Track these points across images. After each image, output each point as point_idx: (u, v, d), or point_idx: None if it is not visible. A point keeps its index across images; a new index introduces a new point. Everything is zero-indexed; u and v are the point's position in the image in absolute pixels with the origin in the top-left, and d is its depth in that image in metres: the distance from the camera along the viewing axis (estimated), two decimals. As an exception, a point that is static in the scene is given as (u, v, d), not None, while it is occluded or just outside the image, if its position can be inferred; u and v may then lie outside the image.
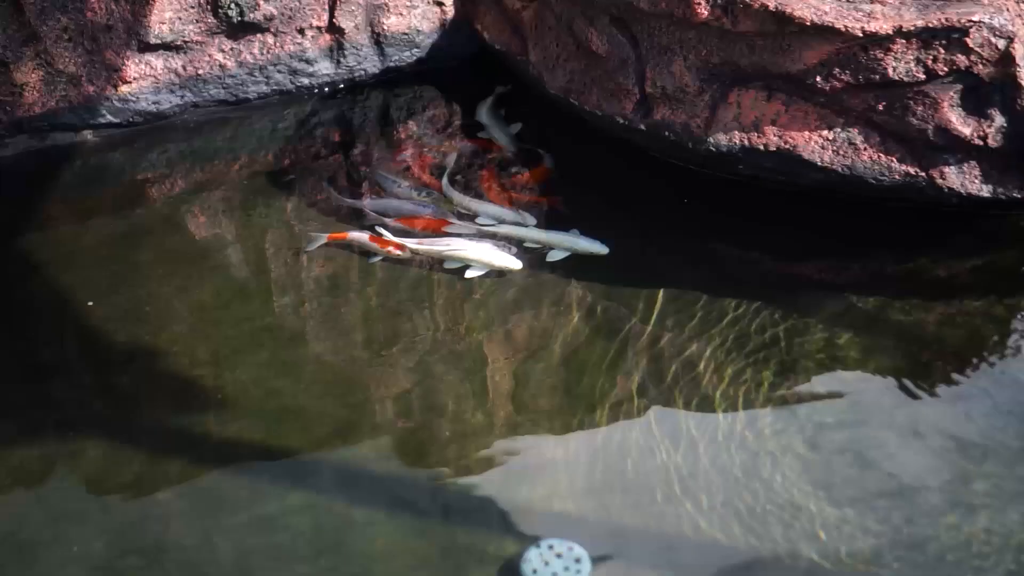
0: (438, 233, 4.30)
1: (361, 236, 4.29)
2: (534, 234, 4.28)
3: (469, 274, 4.13)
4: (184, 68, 4.91)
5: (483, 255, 4.16)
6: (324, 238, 4.29)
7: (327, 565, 3.18)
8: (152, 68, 4.87)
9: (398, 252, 4.21)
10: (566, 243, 4.22)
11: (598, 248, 4.19)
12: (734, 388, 3.65)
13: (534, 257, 4.22)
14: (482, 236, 4.27)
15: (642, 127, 4.39)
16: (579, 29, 4.49)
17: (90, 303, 4.07)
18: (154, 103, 4.93)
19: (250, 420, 3.63)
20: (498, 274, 4.13)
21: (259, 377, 3.78)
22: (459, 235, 4.28)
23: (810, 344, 3.80)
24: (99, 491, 3.43)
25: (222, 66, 4.95)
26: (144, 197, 4.75)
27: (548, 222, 4.35)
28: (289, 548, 3.23)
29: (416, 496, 3.37)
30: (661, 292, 4.01)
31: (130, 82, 4.85)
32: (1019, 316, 3.86)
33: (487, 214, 4.40)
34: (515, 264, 4.14)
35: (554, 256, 4.20)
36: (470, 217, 4.40)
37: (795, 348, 3.78)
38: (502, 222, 4.35)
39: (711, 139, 4.25)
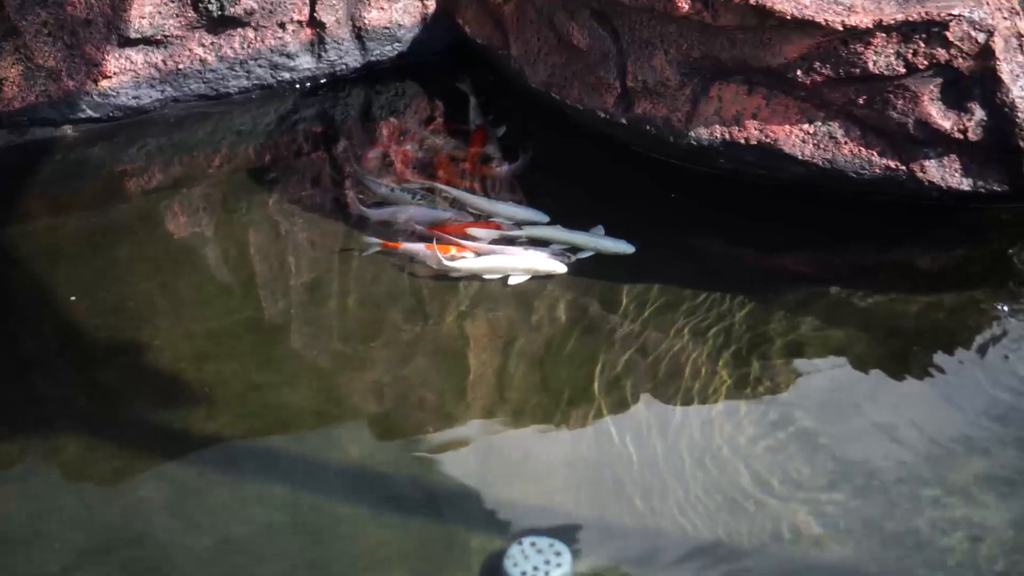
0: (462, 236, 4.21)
1: (416, 247, 4.17)
2: (558, 234, 4.21)
3: (512, 281, 4.06)
4: (164, 63, 4.90)
5: (537, 263, 4.09)
6: (379, 244, 4.20)
7: (308, 559, 3.18)
8: (132, 63, 4.86)
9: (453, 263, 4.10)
10: (590, 243, 4.16)
11: (623, 247, 4.14)
12: (717, 382, 3.66)
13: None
14: (509, 240, 4.20)
15: (623, 121, 4.39)
16: (560, 23, 4.49)
17: (72, 298, 4.06)
18: (134, 98, 4.92)
19: (232, 414, 3.63)
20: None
21: (241, 371, 3.78)
22: (477, 240, 4.21)
23: (792, 337, 3.81)
24: (81, 486, 3.43)
25: (202, 61, 4.93)
26: (124, 192, 4.74)
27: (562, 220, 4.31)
28: (271, 542, 3.23)
29: (398, 491, 3.37)
30: (643, 287, 4.02)
31: (110, 77, 4.83)
32: (998, 309, 3.87)
33: (501, 214, 4.34)
34: (563, 268, 4.09)
35: (580, 256, 4.13)
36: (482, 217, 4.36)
37: (778, 342, 3.79)
38: (517, 221, 4.29)
39: (692, 133, 4.25)
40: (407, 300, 4.07)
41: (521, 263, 4.09)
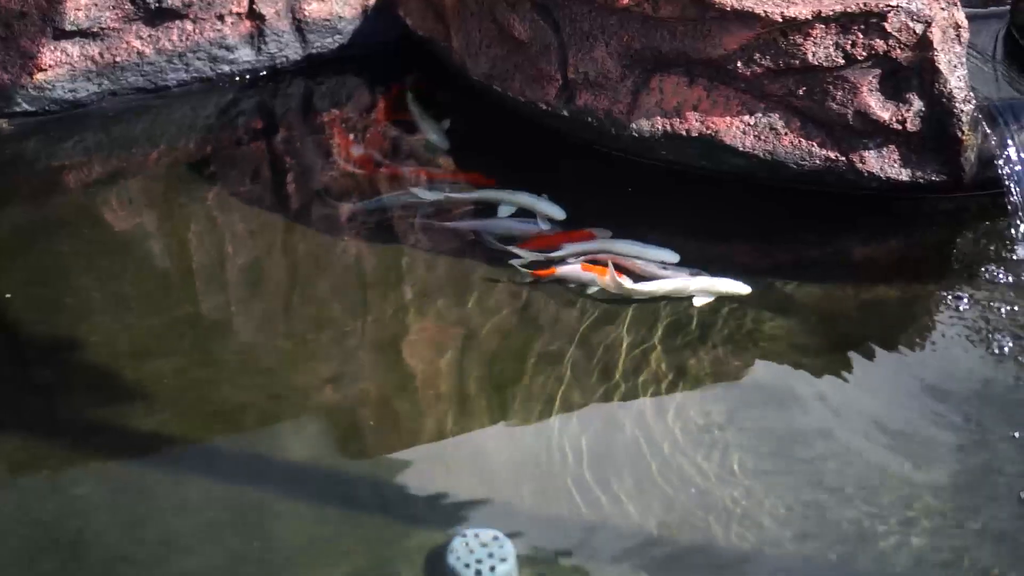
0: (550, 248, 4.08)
1: (578, 272, 3.97)
2: (675, 283, 3.94)
3: (697, 303, 3.90)
4: (101, 55, 4.85)
5: (720, 286, 3.92)
6: (529, 276, 4.00)
7: (251, 558, 3.15)
8: (68, 56, 4.80)
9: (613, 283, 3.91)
10: (705, 285, 3.93)
11: (740, 289, 3.92)
12: (657, 374, 3.66)
13: (462, 245, 4.21)
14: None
15: (565, 113, 4.39)
16: (501, 15, 4.48)
17: (8, 295, 4.01)
18: (70, 91, 4.86)
19: (172, 411, 3.59)
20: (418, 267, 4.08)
21: (181, 367, 3.74)
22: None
23: (731, 328, 3.82)
24: (16, 486, 3.38)
25: (140, 53, 4.89)
26: (61, 187, 4.69)
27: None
28: (213, 540, 3.20)
29: (341, 487, 3.35)
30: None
31: (45, 70, 4.77)
32: (936, 298, 3.90)
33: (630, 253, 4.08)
34: (746, 289, 3.92)
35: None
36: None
37: (716, 332, 3.80)
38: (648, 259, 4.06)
39: (634, 125, 4.25)
40: (351, 295, 4.05)
41: (704, 285, 3.92)
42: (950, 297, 3.90)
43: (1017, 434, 3.41)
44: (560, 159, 4.53)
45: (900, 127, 4.05)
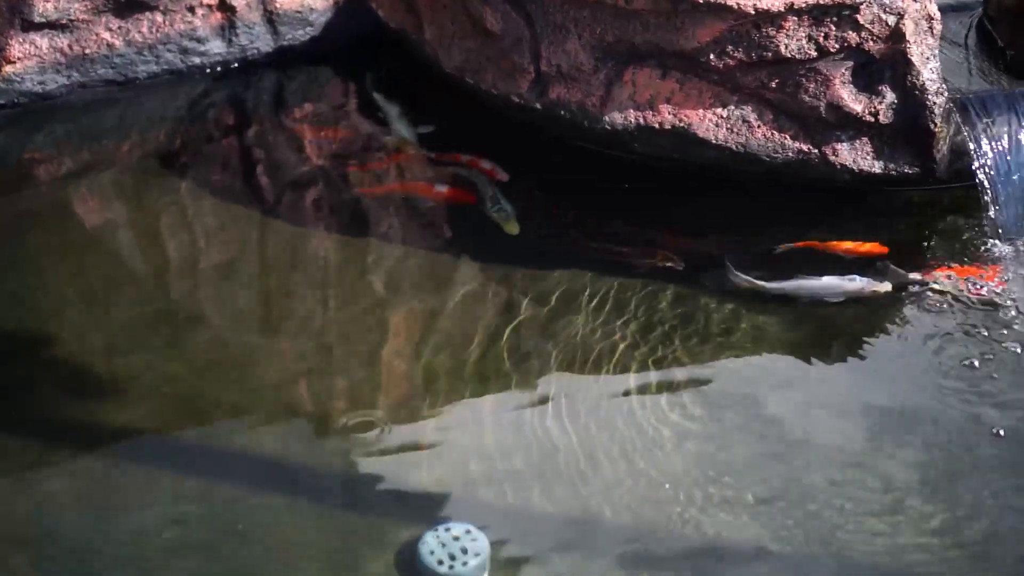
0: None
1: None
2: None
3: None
4: (70, 47, 4.81)
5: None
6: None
7: (223, 553, 3.14)
8: (37, 48, 4.76)
9: None
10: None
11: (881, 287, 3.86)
12: (632, 366, 3.66)
13: (435, 238, 4.20)
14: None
15: (538, 106, 4.38)
16: (473, 7, 4.46)
17: (-24, 290, 3.99)
18: (40, 83, 4.82)
19: (144, 407, 3.57)
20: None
21: (152, 363, 3.72)
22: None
23: (707, 321, 3.83)
24: (-14, 484, 3.37)
25: (110, 45, 4.85)
26: (31, 180, 4.64)
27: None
28: (185, 536, 3.18)
29: (313, 481, 3.34)
30: (560, 273, 4.01)
31: (14, 62, 4.73)
32: (909, 291, 3.91)
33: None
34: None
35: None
36: None
37: (692, 325, 3.81)
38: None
39: (607, 118, 4.25)
40: (322, 288, 4.04)
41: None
42: (925, 290, 3.91)
43: (992, 427, 3.43)
44: (532, 152, 4.52)
45: (873, 119, 4.06)
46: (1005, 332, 3.72)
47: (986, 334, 3.71)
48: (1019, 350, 3.65)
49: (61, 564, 3.13)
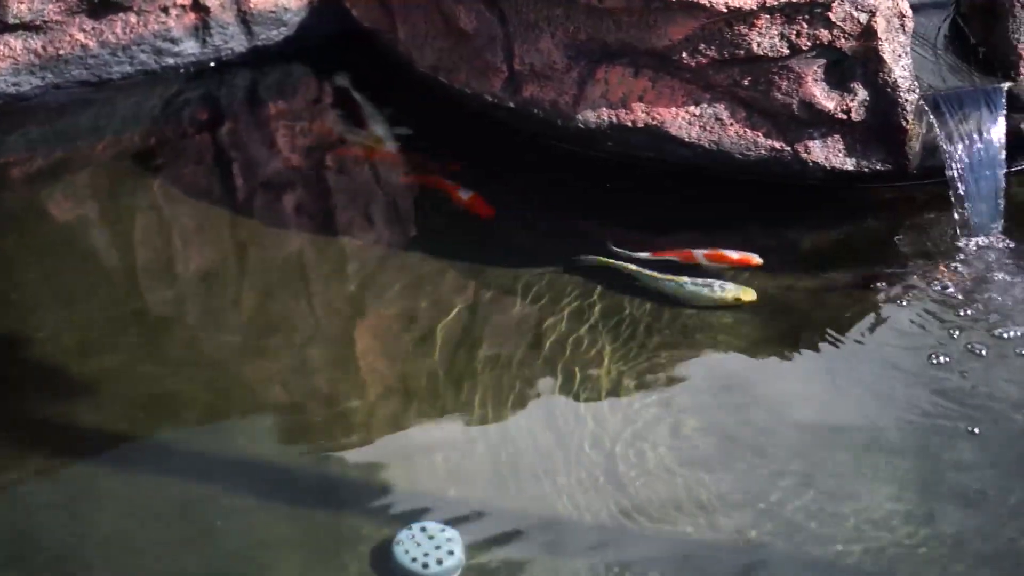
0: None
1: None
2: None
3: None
4: (44, 49, 4.80)
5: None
6: None
7: (199, 554, 3.14)
8: (11, 49, 4.75)
9: None
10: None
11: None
12: (605, 365, 3.67)
13: (411, 238, 4.20)
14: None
15: (511, 104, 4.38)
16: (446, 6, 4.46)
17: (-49, 291, 3.99)
18: (13, 85, 4.82)
19: (119, 407, 3.57)
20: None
21: (128, 363, 3.72)
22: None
23: (680, 319, 3.83)
24: (-40, 485, 3.36)
25: (84, 46, 4.84)
26: (6, 181, 4.64)
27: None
28: (160, 537, 3.18)
29: (288, 482, 3.34)
30: (534, 271, 4.01)
31: (-12, 64, 4.74)
32: (883, 288, 3.92)
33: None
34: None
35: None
36: None
37: (664, 323, 3.81)
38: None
39: (580, 116, 4.25)
40: (298, 288, 4.03)
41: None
42: (897, 286, 3.93)
43: (964, 423, 3.44)
44: (506, 151, 4.52)
45: (845, 117, 4.07)
46: (974, 329, 3.74)
47: (955, 331, 3.73)
48: (986, 349, 3.67)
49: (35, 567, 3.12)
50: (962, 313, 3.78)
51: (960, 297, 3.83)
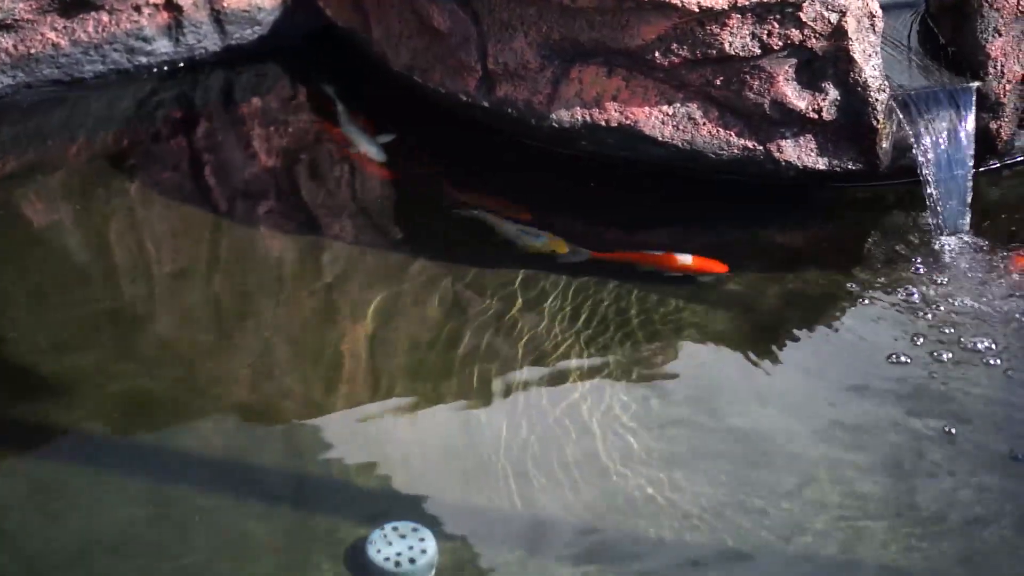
0: None
1: None
2: None
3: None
4: (15, 47, 4.78)
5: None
6: None
7: (171, 553, 3.13)
8: (-18, 48, 4.75)
9: None
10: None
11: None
12: (580, 362, 3.68)
13: (384, 236, 4.21)
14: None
15: (485, 104, 4.39)
16: (421, 6, 4.46)
17: (-78, 291, 3.97)
18: (-15, 84, 4.81)
19: (91, 406, 3.56)
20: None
21: (100, 362, 3.72)
22: None
23: (654, 316, 3.85)
24: (-70, 484, 3.35)
25: (55, 45, 4.82)
26: (-23, 181, 4.64)
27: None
28: (132, 537, 3.17)
29: (261, 481, 3.34)
30: (508, 269, 4.02)
31: (-41, 64, 4.72)
32: (855, 286, 3.95)
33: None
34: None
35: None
36: None
37: (638, 320, 3.83)
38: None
39: (553, 115, 4.26)
40: (271, 287, 4.03)
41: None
42: (868, 285, 3.95)
43: (935, 419, 3.46)
44: (481, 150, 4.53)
45: (816, 116, 4.09)
46: (943, 326, 3.76)
47: (925, 328, 3.75)
48: (954, 346, 3.69)
49: (6, 566, 3.11)
50: (931, 311, 3.80)
51: (930, 294, 3.86)
